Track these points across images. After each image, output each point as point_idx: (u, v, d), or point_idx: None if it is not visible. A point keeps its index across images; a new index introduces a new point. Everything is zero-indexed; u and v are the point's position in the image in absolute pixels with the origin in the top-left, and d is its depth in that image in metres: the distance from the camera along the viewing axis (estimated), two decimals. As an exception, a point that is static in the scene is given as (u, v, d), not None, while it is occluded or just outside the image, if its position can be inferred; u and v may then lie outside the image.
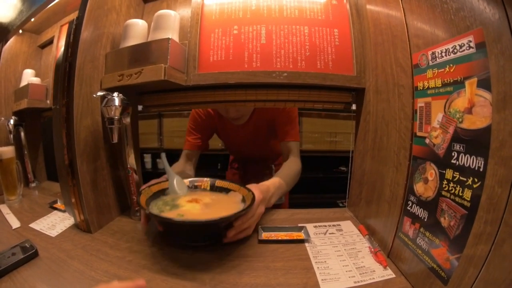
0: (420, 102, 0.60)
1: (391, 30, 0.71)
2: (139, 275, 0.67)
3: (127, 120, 0.84)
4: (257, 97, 0.90)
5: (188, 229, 0.71)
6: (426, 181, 0.57)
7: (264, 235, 0.78)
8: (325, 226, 0.78)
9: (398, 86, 0.68)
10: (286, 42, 0.88)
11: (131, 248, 0.78)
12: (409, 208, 0.61)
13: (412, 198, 0.61)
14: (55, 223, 0.95)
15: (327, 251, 0.65)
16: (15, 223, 0.98)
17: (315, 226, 0.78)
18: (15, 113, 1.26)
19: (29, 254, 0.75)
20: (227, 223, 0.70)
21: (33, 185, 1.33)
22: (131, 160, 0.88)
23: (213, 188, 0.87)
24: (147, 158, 3.03)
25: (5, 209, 1.09)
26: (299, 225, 0.82)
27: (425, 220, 0.56)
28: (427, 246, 0.54)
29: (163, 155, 0.93)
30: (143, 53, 0.81)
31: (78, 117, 0.78)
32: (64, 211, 1.03)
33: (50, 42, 1.34)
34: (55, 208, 1.06)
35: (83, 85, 0.81)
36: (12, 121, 1.20)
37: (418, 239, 0.57)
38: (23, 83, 1.27)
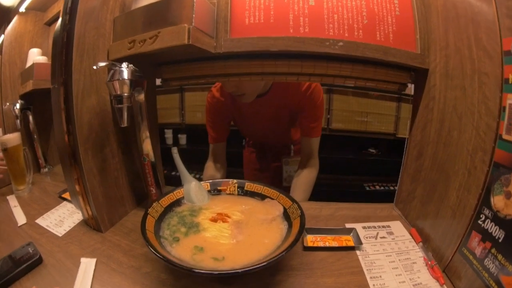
0: (511, 99, 0.49)
1: (470, 5, 0.59)
2: None
3: (141, 97, 0.69)
4: (303, 69, 0.73)
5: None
6: (508, 195, 0.47)
7: (309, 240, 0.65)
8: (375, 228, 0.68)
9: (479, 74, 0.56)
10: (339, 6, 0.71)
11: (149, 255, 0.65)
12: (480, 223, 0.52)
13: (486, 211, 0.51)
14: (63, 217, 0.84)
15: (381, 262, 0.57)
16: (21, 219, 0.87)
17: (364, 228, 0.68)
18: (22, 96, 1.14)
19: (32, 261, 0.64)
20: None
21: (45, 170, 1.22)
22: (147, 146, 0.72)
23: (242, 193, 0.70)
24: (168, 134, 2.76)
25: (13, 201, 0.99)
26: (347, 226, 0.70)
27: (500, 240, 0.47)
28: (496, 271, 0.47)
29: (175, 150, 0.74)
30: (161, 12, 0.64)
31: (79, 97, 0.64)
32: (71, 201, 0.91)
33: (57, 18, 1.20)
34: (64, 199, 0.95)
35: (85, 57, 0.66)
36: (18, 105, 1.09)
37: (486, 260, 0.49)
38: (29, 63, 1.15)
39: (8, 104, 1.12)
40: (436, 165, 0.66)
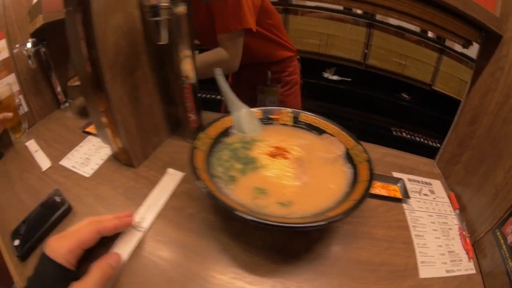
0: None
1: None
2: (206, 242, 0.49)
3: (181, 9, 0.57)
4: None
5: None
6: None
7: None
8: (419, 182, 0.64)
9: None
10: None
11: (192, 193, 0.59)
12: (521, 211, 0.47)
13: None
14: (90, 154, 0.78)
15: (424, 220, 0.55)
16: (45, 162, 0.82)
17: (409, 180, 0.64)
18: (32, 35, 1.04)
19: (61, 212, 0.60)
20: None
21: (65, 106, 1.16)
22: (187, 66, 0.63)
23: (297, 124, 0.61)
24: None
25: (33, 146, 0.93)
26: (394, 175, 0.66)
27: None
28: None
29: (218, 70, 0.65)
30: None
31: (102, 15, 0.53)
32: (96, 135, 0.85)
33: None
34: (89, 133, 0.90)
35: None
36: (29, 44, 1.00)
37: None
38: (36, -1, 1.03)
39: (18, 46, 1.02)
40: (490, 138, 0.60)
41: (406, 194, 0.59)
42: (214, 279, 0.44)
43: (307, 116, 0.60)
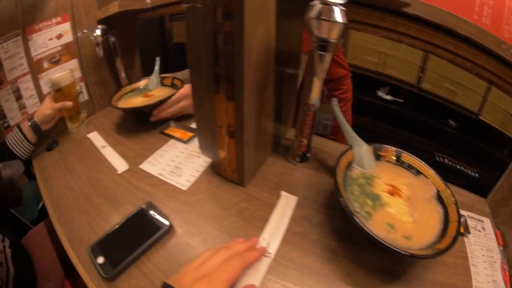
0: None
1: None
2: (333, 266, 0.50)
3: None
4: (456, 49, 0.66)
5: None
6: None
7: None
8: (475, 220, 0.68)
9: None
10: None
11: (311, 218, 0.57)
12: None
13: None
14: (179, 163, 0.72)
15: (477, 252, 0.60)
16: (120, 163, 0.76)
17: (468, 217, 0.68)
18: (100, 22, 0.98)
19: (163, 232, 0.55)
20: None
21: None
22: (315, 95, 0.61)
23: (399, 163, 0.64)
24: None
25: (97, 140, 0.88)
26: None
27: None
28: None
29: (335, 101, 0.64)
30: None
31: (251, 26, 0.47)
32: (185, 142, 0.81)
33: None
34: (169, 136, 0.84)
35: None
36: (98, 31, 0.94)
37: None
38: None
39: (85, 31, 0.96)
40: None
41: (467, 229, 0.63)
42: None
43: (408, 157, 0.64)
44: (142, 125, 0.89)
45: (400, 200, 0.56)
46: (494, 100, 1.60)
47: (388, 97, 2.00)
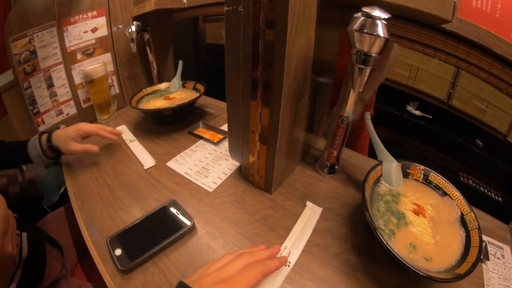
0: None
1: None
2: (350, 282, 0.49)
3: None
4: (491, 68, 0.64)
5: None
6: None
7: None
8: (495, 246, 0.66)
9: None
10: None
11: (334, 231, 0.57)
12: None
13: None
14: (207, 164, 0.73)
15: (494, 280, 0.58)
16: (147, 159, 0.77)
17: (489, 243, 0.66)
18: (136, 18, 1.00)
19: (185, 231, 0.55)
20: None
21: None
22: (349, 107, 0.61)
23: (426, 182, 0.63)
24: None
25: (126, 134, 0.89)
26: None
27: None
28: None
29: (367, 115, 0.63)
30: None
31: (293, 33, 0.47)
32: (215, 144, 0.81)
33: None
34: (198, 136, 0.85)
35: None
36: (134, 27, 0.96)
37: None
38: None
39: (121, 26, 0.98)
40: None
41: (486, 256, 0.61)
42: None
43: (435, 177, 0.62)
44: (163, 126, 0.90)
45: (424, 221, 0.55)
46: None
47: (417, 113, 1.96)
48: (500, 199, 1.62)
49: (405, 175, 0.62)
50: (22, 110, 0.87)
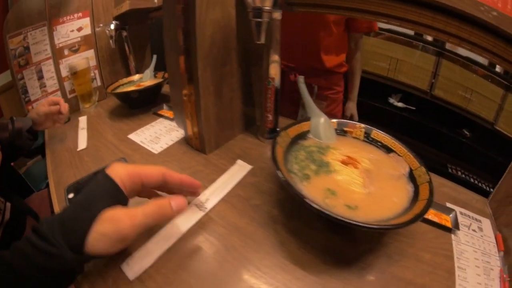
0: None
1: None
2: (267, 233, 0.50)
3: (277, 15, 0.61)
4: (446, 27, 0.63)
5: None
6: None
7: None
8: (469, 218, 0.63)
9: None
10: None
11: (259, 186, 0.60)
12: None
13: None
14: (160, 134, 0.82)
15: (468, 254, 0.55)
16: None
17: (461, 213, 0.63)
18: (116, 18, 1.13)
19: None
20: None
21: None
22: (274, 70, 0.67)
23: (368, 140, 0.63)
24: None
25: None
26: (448, 205, 0.64)
27: None
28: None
29: (301, 79, 0.67)
30: None
31: (203, 7, 0.57)
32: (171, 120, 0.90)
33: None
34: (160, 115, 0.94)
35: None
36: (112, 26, 1.08)
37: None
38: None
39: (101, 25, 1.11)
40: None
41: (456, 226, 0.58)
42: (265, 268, 0.45)
43: (379, 134, 0.62)
44: (135, 109, 1.00)
45: (354, 171, 0.54)
46: (511, 108, 1.51)
47: (400, 104, 1.95)
48: (491, 190, 1.58)
49: (343, 132, 0.63)
50: (18, 112, 0.99)
